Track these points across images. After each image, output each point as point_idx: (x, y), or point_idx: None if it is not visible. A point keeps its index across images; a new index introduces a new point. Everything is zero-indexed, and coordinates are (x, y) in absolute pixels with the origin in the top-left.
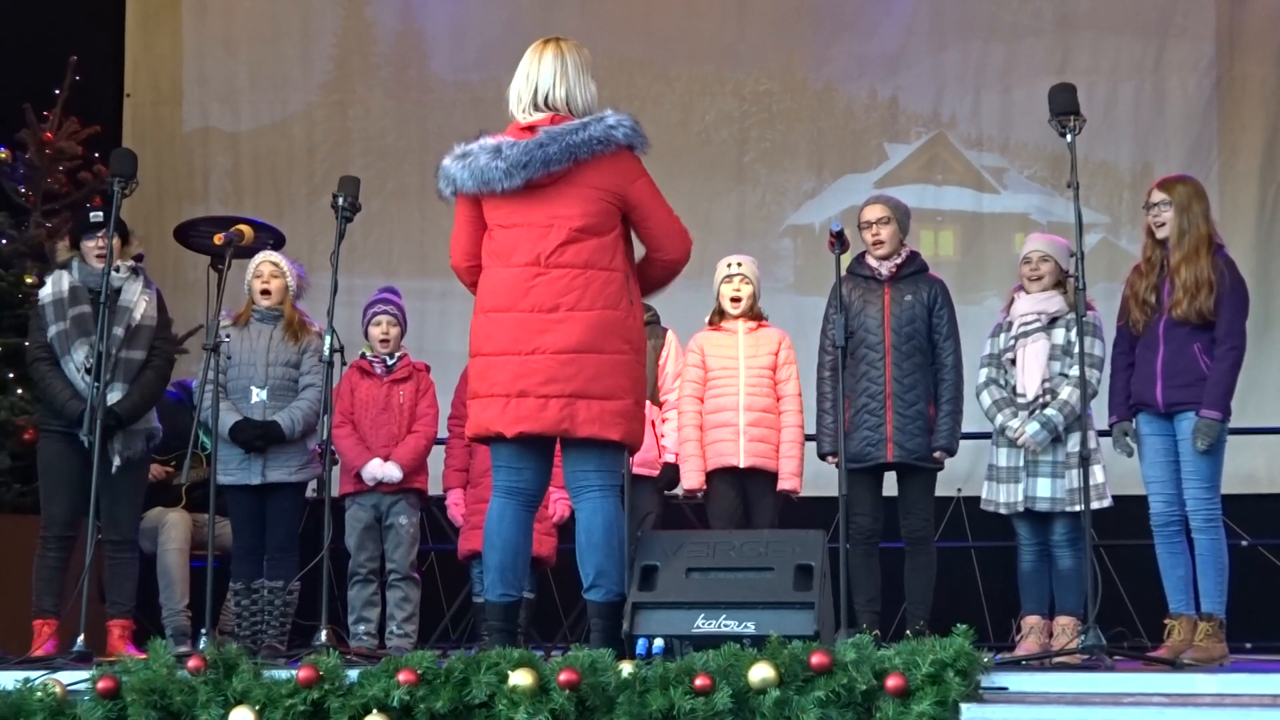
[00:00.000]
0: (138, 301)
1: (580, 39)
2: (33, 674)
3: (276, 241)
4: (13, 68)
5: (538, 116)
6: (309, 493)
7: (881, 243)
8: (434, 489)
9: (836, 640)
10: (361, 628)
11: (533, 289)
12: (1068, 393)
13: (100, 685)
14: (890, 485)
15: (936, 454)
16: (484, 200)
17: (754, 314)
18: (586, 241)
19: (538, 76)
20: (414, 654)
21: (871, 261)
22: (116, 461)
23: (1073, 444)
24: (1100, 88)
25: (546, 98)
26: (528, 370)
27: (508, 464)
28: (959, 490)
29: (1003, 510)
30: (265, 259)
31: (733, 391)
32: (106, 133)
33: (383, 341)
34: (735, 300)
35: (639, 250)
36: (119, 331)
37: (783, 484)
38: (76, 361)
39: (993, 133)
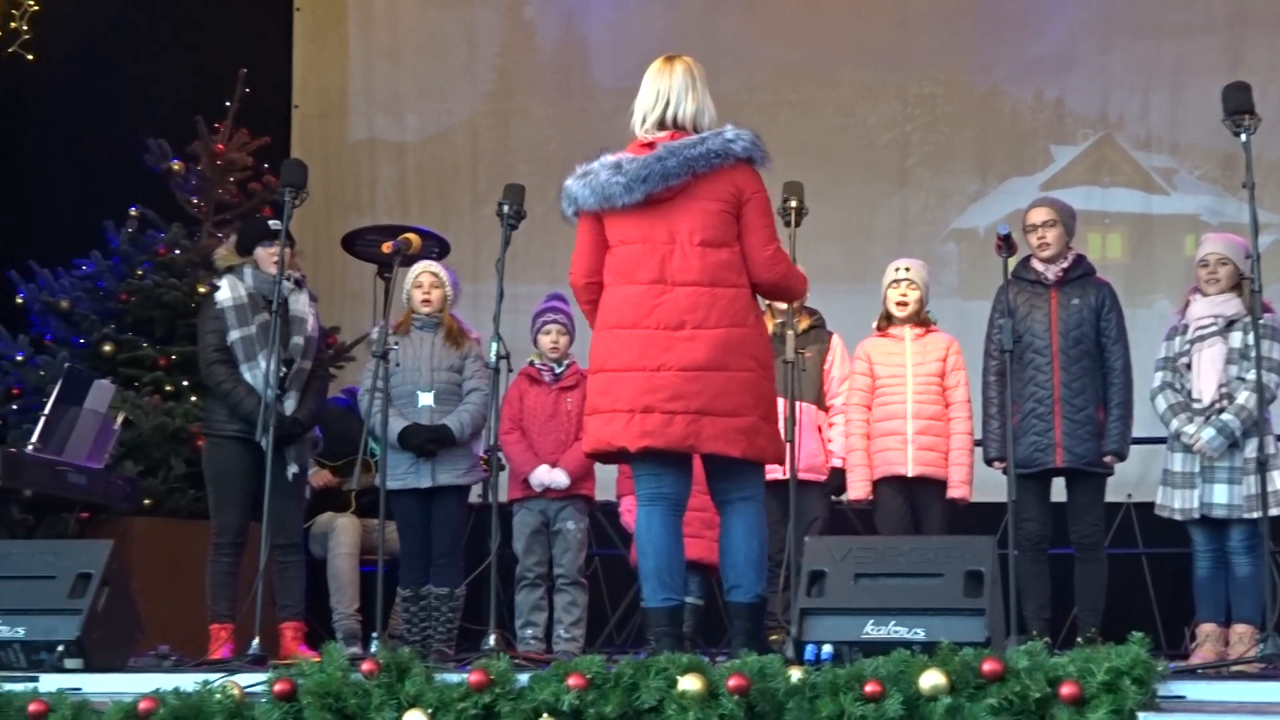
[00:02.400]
0: (307, 313)
1: (743, 44)
2: (211, 676)
3: (442, 250)
4: (186, 82)
5: (660, 134)
6: (475, 498)
7: (1047, 245)
8: (601, 495)
9: (1007, 647)
10: (529, 632)
11: (658, 306)
12: (1245, 397)
13: (277, 688)
14: (1059, 491)
15: (1107, 458)
16: (605, 217)
17: (921, 319)
18: (711, 256)
19: (667, 94)
20: (583, 658)
21: (1037, 265)
22: (293, 469)
23: (1250, 449)
24: (1274, 86)
25: (675, 116)
26: (654, 386)
27: (646, 473)
28: (1129, 495)
29: (1178, 516)
30: (425, 269)
31: (900, 399)
32: (275, 144)
33: (552, 349)
34: (901, 304)
35: None
36: (299, 341)
37: (952, 492)
38: (262, 369)
39: (1162, 133)
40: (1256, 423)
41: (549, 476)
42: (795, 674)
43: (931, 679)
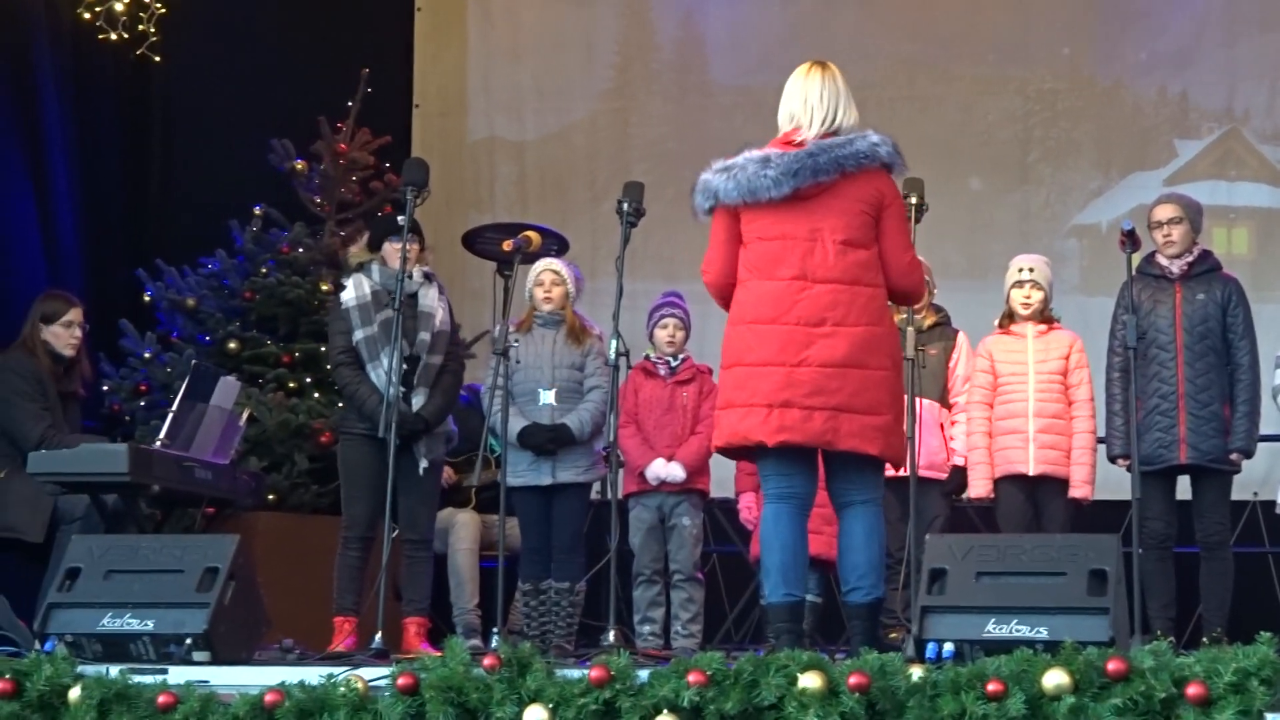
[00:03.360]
0: (436, 307)
1: (861, 40)
2: (335, 670)
3: (561, 247)
4: (309, 82)
5: (808, 136)
6: (594, 494)
7: (1173, 242)
8: (716, 491)
9: (1132, 647)
10: (646, 628)
11: (799, 302)
12: None
13: (400, 682)
14: (1184, 489)
15: (1233, 456)
16: (743, 212)
17: (1044, 317)
18: (852, 255)
19: (817, 99)
20: (703, 655)
21: (1162, 260)
22: (423, 464)
23: None
24: None
25: (828, 120)
26: (794, 381)
27: (776, 472)
28: (1255, 494)
29: None
30: (546, 267)
31: (1022, 397)
32: (396, 143)
33: (669, 344)
34: (1026, 304)
35: None
36: (425, 336)
37: (1074, 492)
38: (386, 366)
39: None
40: None
41: (665, 470)
42: (916, 672)
43: (1055, 678)
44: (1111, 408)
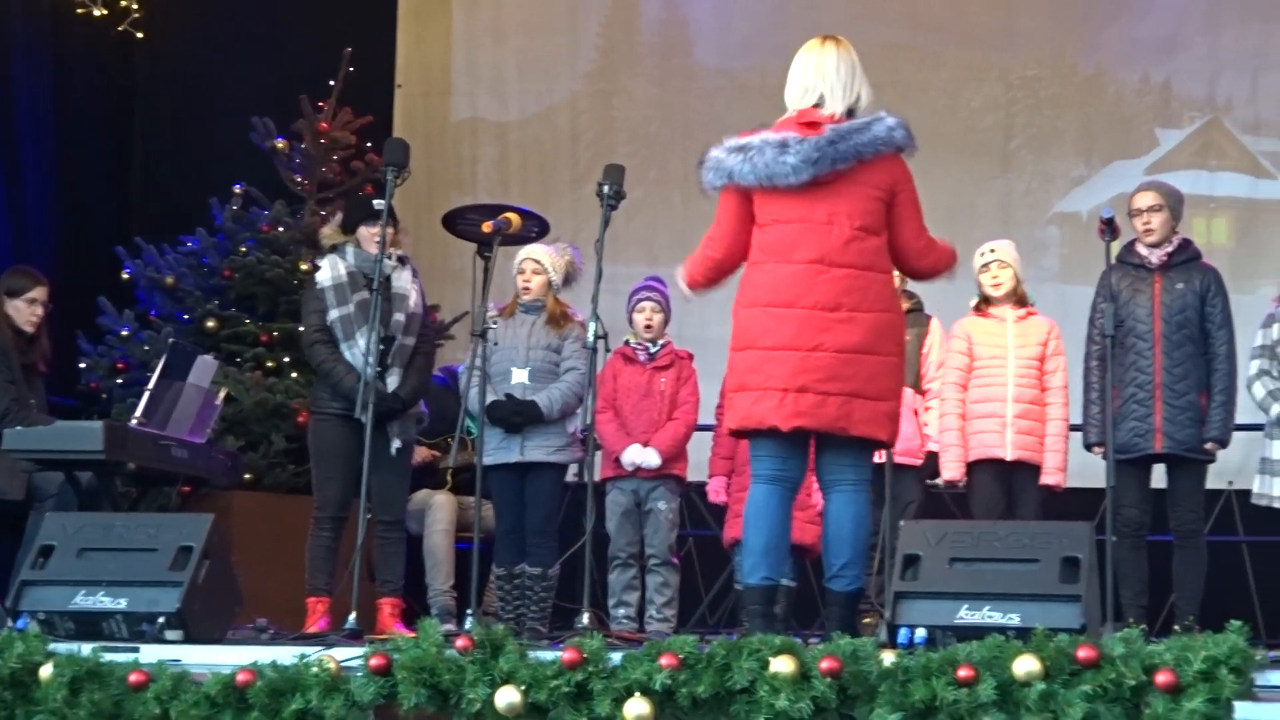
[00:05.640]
0: (409, 290)
1: (846, 25)
2: (308, 650)
3: (541, 229)
4: (290, 61)
5: (823, 114)
6: (569, 477)
7: (1152, 230)
8: (693, 475)
9: (1103, 634)
10: (621, 611)
11: (816, 286)
12: None
13: (373, 663)
14: (1159, 478)
15: (1208, 445)
16: (758, 194)
17: (1020, 298)
18: (867, 241)
19: (834, 70)
20: (676, 638)
21: (1142, 249)
22: (396, 444)
23: None
24: None
25: (841, 94)
26: (810, 366)
27: (773, 454)
28: (1230, 483)
29: (1277, 504)
30: (527, 255)
31: (1001, 381)
32: (378, 123)
33: (646, 328)
34: (996, 285)
35: None
36: (400, 318)
37: (1046, 478)
38: (361, 347)
39: (1271, 117)
40: None
41: (640, 456)
42: (888, 657)
43: (1026, 665)
44: (1089, 395)
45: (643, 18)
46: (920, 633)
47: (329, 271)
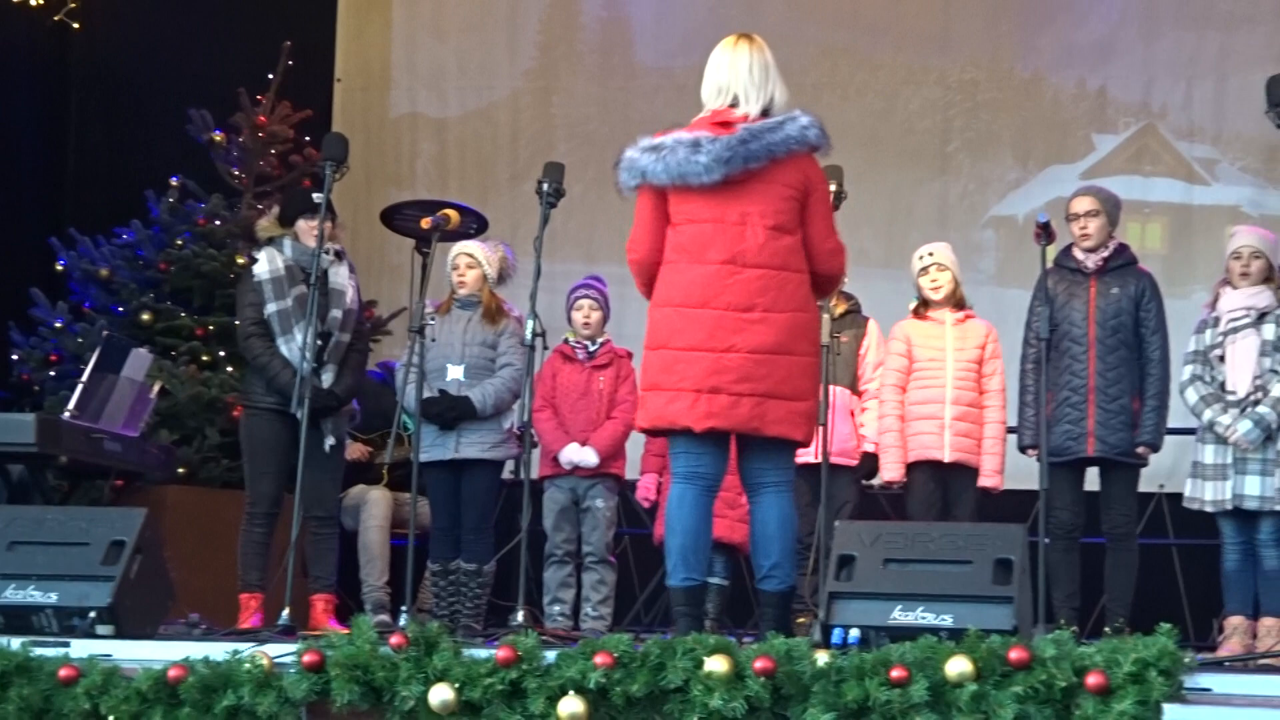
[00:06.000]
0: (346, 285)
1: (786, 26)
2: (240, 646)
3: (480, 226)
4: (229, 53)
5: (736, 114)
6: (506, 474)
7: (1089, 235)
8: (631, 474)
9: (1035, 636)
10: (556, 609)
11: (729, 286)
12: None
13: (306, 659)
14: (1092, 480)
15: (1140, 449)
16: (672, 194)
17: (958, 301)
18: (780, 241)
19: (746, 71)
20: (610, 637)
21: (1078, 254)
22: (330, 441)
23: None
24: None
25: (752, 96)
26: (722, 367)
27: (688, 451)
28: (1161, 486)
29: (1209, 508)
30: (461, 250)
31: (939, 384)
32: (317, 117)
33: (584, 325)
34: (935, 288)
35: None
36: (337, 314)
37: (984, 481)
38: (299, 342)
39: (1205, 123)
40: None
41: (578, 455)
42: (822, 657)
43: (958, 666)
44: (1023, 398)
45: (583, 16)
46: (854, 633)
47: (266, 264)
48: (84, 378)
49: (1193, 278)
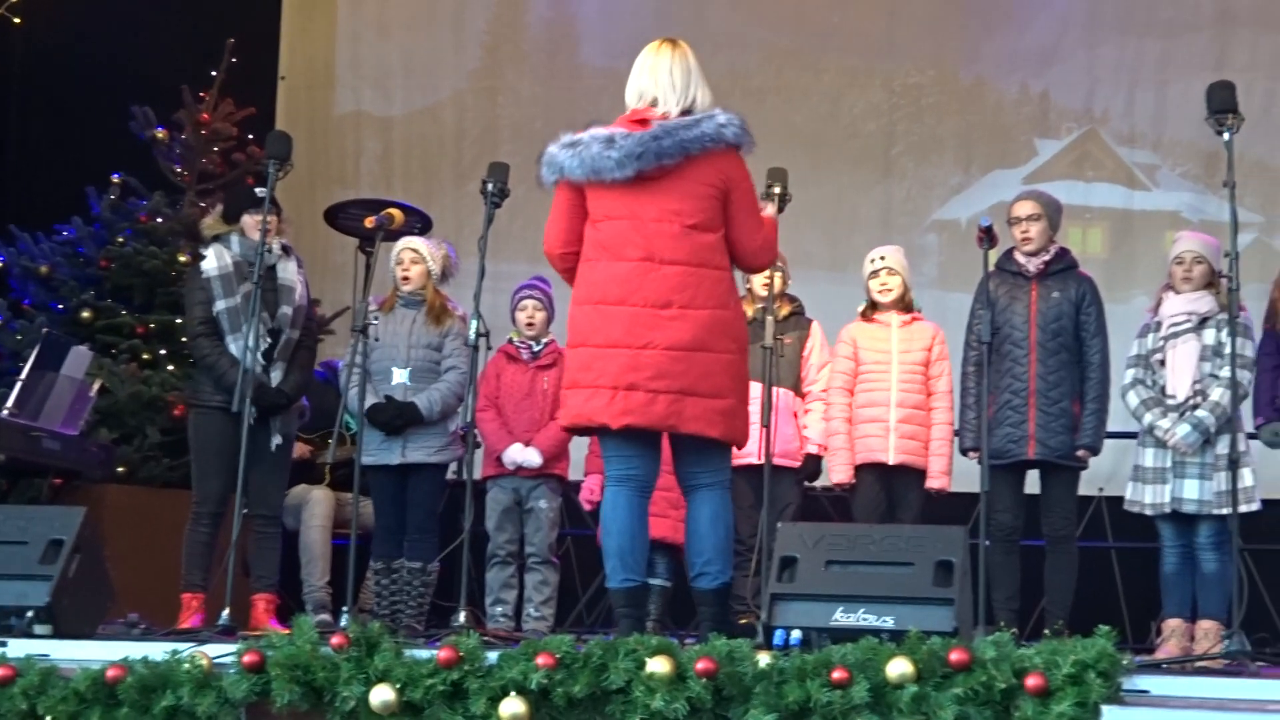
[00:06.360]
0: (295, 281)
1: (731, 29)
2: (180, 646)
3: (424, 225)
4: (172, 50)
5: (655, 113)
6: (450, 474)
7: (1030, 239)
8: (575, 475)
9: (975, 637)
10: (498, 609)
11: (646, 284)
12: (1219, 394)
13: (246, 659)
14: (1032, 483)
15: (1080, 452)
16: (589, 190)
17: (906, 305)
18: (699, 238)
19: (667, 74)
20: (553, 638)
21: (1019, 258)
22: (277, 440)
23: (1222, 446)
24: (1259, 86)
25: (673, 97)
26: (639, 364)
27: (617, 453)
28: (1100, 489)
29: (1149, 511)
30: (405, 245)
31: (884, 386)
32: (261, 115)
33: (529, 325)
34: (885, 291)
35: None
36: (286, 310)
37: (930, 482)
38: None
39: (1145, 129)
40: (1229, 420)
41: (522, 455)
42: (763, 659)
43: (899, 667)
44: (965, 401)
45: (529, 16)
46: (795, 634)
47: (214, 261)
48: (23, 375)
49: (1133, 282)
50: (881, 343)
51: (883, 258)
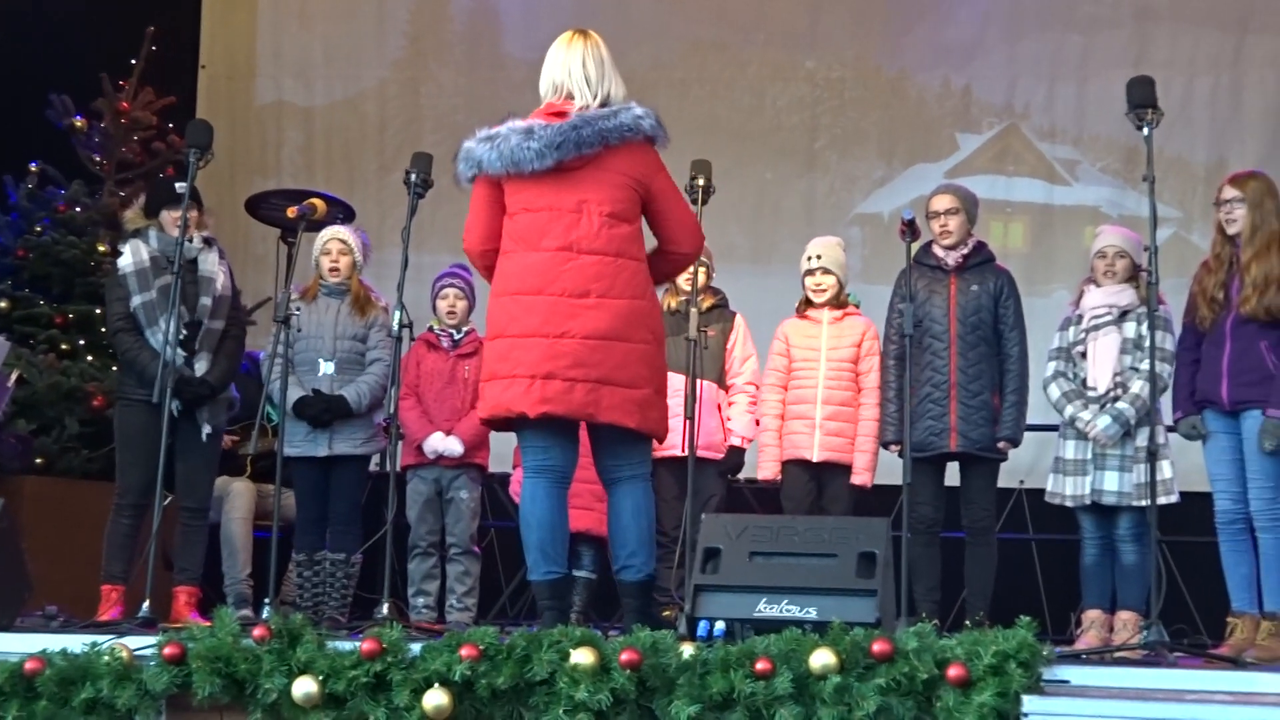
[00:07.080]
0: (216, 272)
1: (654, 20)
2: (99, 638)
3: (347, 216)
4: (91, 37)
5: (574, 105)
6: (373, 466)
7: (949, 233)
8: (495, 465)
9: (897, 628)
10: (421, 600)
11: (564, 273)
12: (1139, 386)
13: (166, 651)
14: (953, 475)
15: (1000, 444)
16: (506, 183)
17: (839, 302)
18: (617, 229)
19: (580, 66)
20: (476, 630)
21: (938, 251)
22: (207, 430)
23: (1141, 438)
24: (1177, 82)
25: (587, 88)
26: (556, 353)
27: (534, 443)
28: (1021, 482)
29: (1069, 503)
30: (333, 236)
31: (812, 383)
32: (181, 104)
33: (449, 314)
34: (818, 291)
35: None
36: (206, 301)
37: (854, 479)
38: (165, 331)
39: (1066, 125)
40: (1149, 412)
41: (443, 444)
42: (687, 650)
43: (822, 658)
44: (886, 394)
45: (451, 7)
46: (719, 626)
47: (130, 257)
48: None
49: (1053, 276)
50: (812, 339)
51: (820, 256)
